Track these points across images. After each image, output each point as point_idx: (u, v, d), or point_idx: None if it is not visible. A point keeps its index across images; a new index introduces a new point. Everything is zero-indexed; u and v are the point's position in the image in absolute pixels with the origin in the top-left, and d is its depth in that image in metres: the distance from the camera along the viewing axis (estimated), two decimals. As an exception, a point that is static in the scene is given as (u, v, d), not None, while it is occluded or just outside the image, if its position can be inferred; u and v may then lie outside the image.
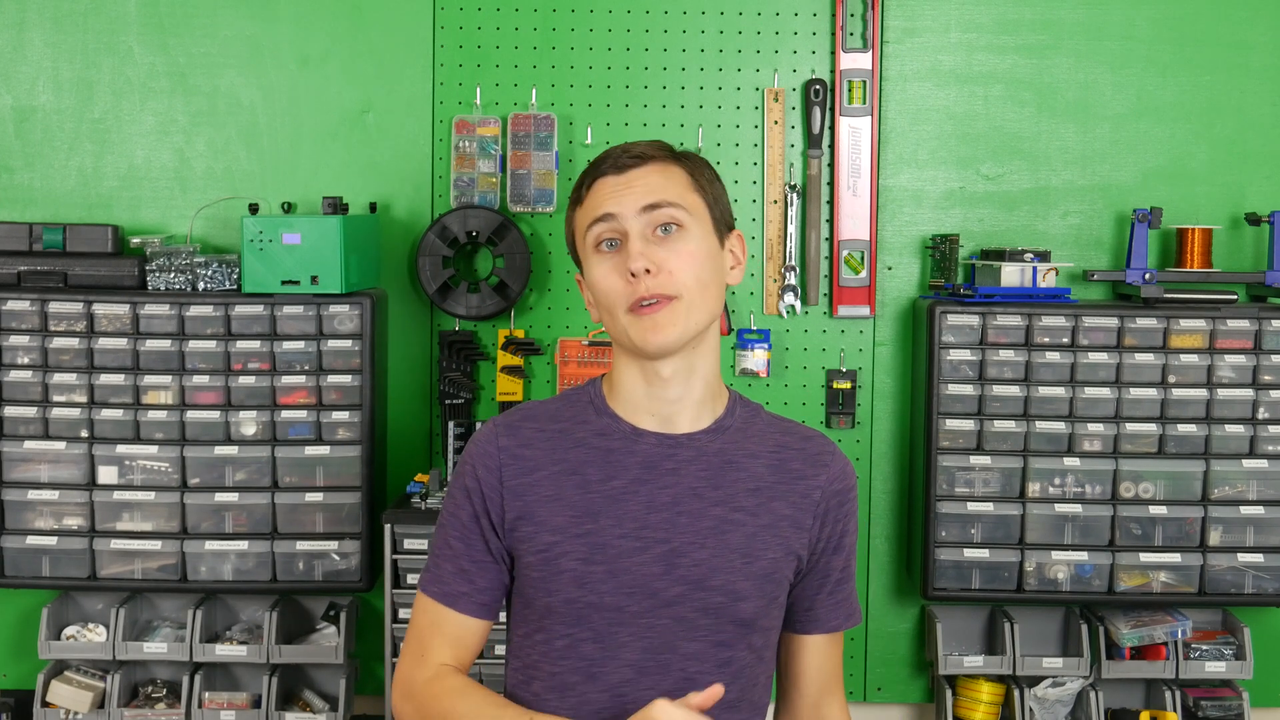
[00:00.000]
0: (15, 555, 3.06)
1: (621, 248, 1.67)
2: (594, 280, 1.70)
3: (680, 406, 1.74)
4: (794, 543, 1.74)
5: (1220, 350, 3.05)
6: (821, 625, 1.80)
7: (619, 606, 1.68)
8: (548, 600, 1.69)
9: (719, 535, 1.70)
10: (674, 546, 1.69)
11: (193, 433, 3.05)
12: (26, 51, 3.26)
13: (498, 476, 1.73)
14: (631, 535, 1.69)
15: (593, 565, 1.68)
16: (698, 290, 1.68)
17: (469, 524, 1.74)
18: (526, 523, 1.70)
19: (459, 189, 3.22)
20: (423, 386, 3.31)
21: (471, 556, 1.74)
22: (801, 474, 1.77)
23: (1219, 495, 3.05)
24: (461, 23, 3.26)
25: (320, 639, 3.19)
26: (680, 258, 1.67)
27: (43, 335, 3.06)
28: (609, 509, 1.69)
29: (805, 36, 3.24)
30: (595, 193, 1.70)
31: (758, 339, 3.25)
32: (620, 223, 1.67)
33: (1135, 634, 3.08)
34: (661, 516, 1.70)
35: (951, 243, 3.14)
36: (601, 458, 1.72)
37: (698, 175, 1.73)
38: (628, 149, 1.70)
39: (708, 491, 1.72)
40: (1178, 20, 3.24)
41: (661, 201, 1.67)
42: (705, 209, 1.72)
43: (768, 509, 1.73)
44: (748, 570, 1.71)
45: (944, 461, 3.06)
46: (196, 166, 3.28)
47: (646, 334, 1.66)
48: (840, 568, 1.80)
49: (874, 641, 3.33)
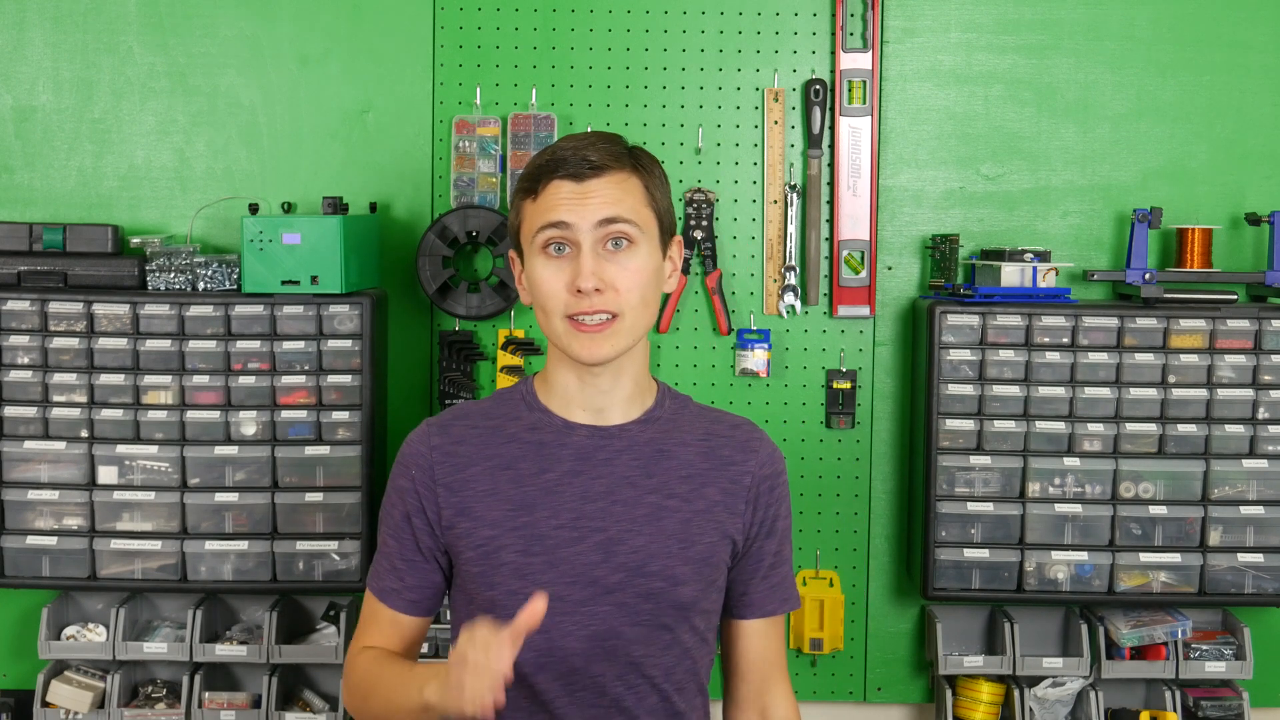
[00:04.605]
0: (15, 555, 3.06)
1: (570, 255, 1.71)
2: (536, 279, 1.74)
3: (611, 400, 1.79)
4: (728, 527, 1.79)
5: (1220, 350, 3.05)
6: (757, 610, 1.85)
7: (561, 596, 1.72)
8: (490, 594, 1.73)
9: (655, 522, 1.74)
10: (611, 535, 1.73)
11: (193, 433, 3.05)
12: (26, 51, 3.27)
13: (430, 475, 1.77)
14: (568, 525, 1.73)
15: (531, 557, 1.71)
16: (640, 307, 1.74)
17: (401, 524, 1.79)
18: (464, 519, 1.74)
19: (459, 189, 3.22)
20: (423, 386, 3.31)
21: (403, 555, 1.79)
22: (731, 460, 1.81)
23: (1219, 495, 3.05)
24: (461, 23, 3.26)
25: (320, 639, 3.19)
26: (628, 274, 1.72)
27: (43, 335, 3.06)
28: (544, 500, 1.74)
29: (805, 36, 3.25)
30: (550, 194, 1.72)
31: (757, 339, 3.25)
32: (574, 233, 1.70)
33: (1135, 634, 3.08)
34: (597, 506, 1.74)
35: (951, 243, 3.14)
36: (534, 451, 1.76)
37: (651, 187, 1.77)
38: (586, 155, 1.72)
39: (641, 480, 1.76)
40: (1178, 20, 3.24)
41: (617, 217, 1.71)
42: (655, 222, 1.77)
43: (700, 494, 1.78)
44: (685, 555, 1.75)
45: (944, 461, 3.06)
46: (196, 166, 3.28)
47: (583, 349, 1.72)
48: (773, 552, 1.84)
49: (874, 641, 3.33)
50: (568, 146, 1.74)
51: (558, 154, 1.73)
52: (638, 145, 1.81)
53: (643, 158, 1.79)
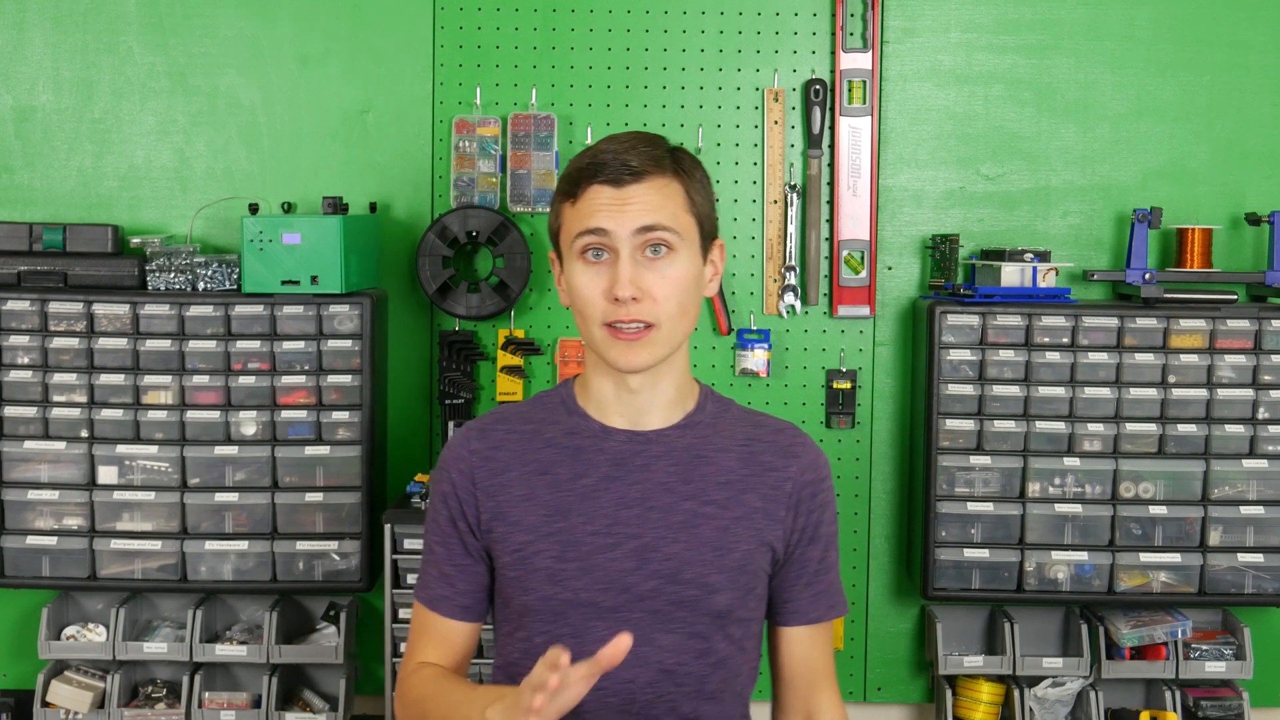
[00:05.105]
0: (15, 555, 3.06)
1: (609, 262, 1.68)
2: (574, 284, 1.71)
3: (649, 405, 1.77)
4: (767, 534, 1.76)
5: (1220, 350, 3.05)
6: (802, 616, 1.81)
7: (593, 602, 1.70)
8: (524, 599, 1.72)
9: (690, 529, 1.72)
10: (645, 542, 1.71)
11: (193, 433, 3.05)
12: (26, 51, 3.26)
13: (470, 479, 1.76)
14: (603, 532, 1.71)
15: (566, 562, 1.70)
16: (678, 316, 1.71)
17: (447, 528, 1.78)
18: (501, 523, 1.73)
19: (459, 189, 3.22)
20: (423, 386, 3.31)
21: (451, 560, 1.77)
22: (772, 465, 1.79)
23: (1219, 495, 3.05)
24: (461, 23, 3.26)
25: (320, 639, 3.19)
26: (666, 282, 1.69)
27: (43, 335, 3.06)
28: (579, 506, 1.72)
29: (805, 36, 3.25)
30: (589, 199, 1.69)
31: (758, 339, 3.25)
32: (612, 240, 1.68)
33: (1135, 634, 3.08)
34: (632, 512, 1.72)
35: (951, 243, 3.14)
36: (571, 456, 1.75)
37: (692, 191, 1.73)
38: (626, 160, 1.68)
39: (678, 486, 1.74)
40: (1178, 20, 3.24)
41: (656, 224, 1.68)
42: (695, 228, 1.73)
43: (739, 501, 1.75)
44: (720, 563, 1.73)
45: (944, 461, 3.06)
46: (196, 166, 3.28)
47: (620, 357, 1.69)
48: (818, 559, 1.81)
49: (874, 641, 3.33)
50: (608, 150, 1.71)
51: (598, 157, 1.70)
52: (680, 146, 1.77)
53: (684, 160, 1.74)
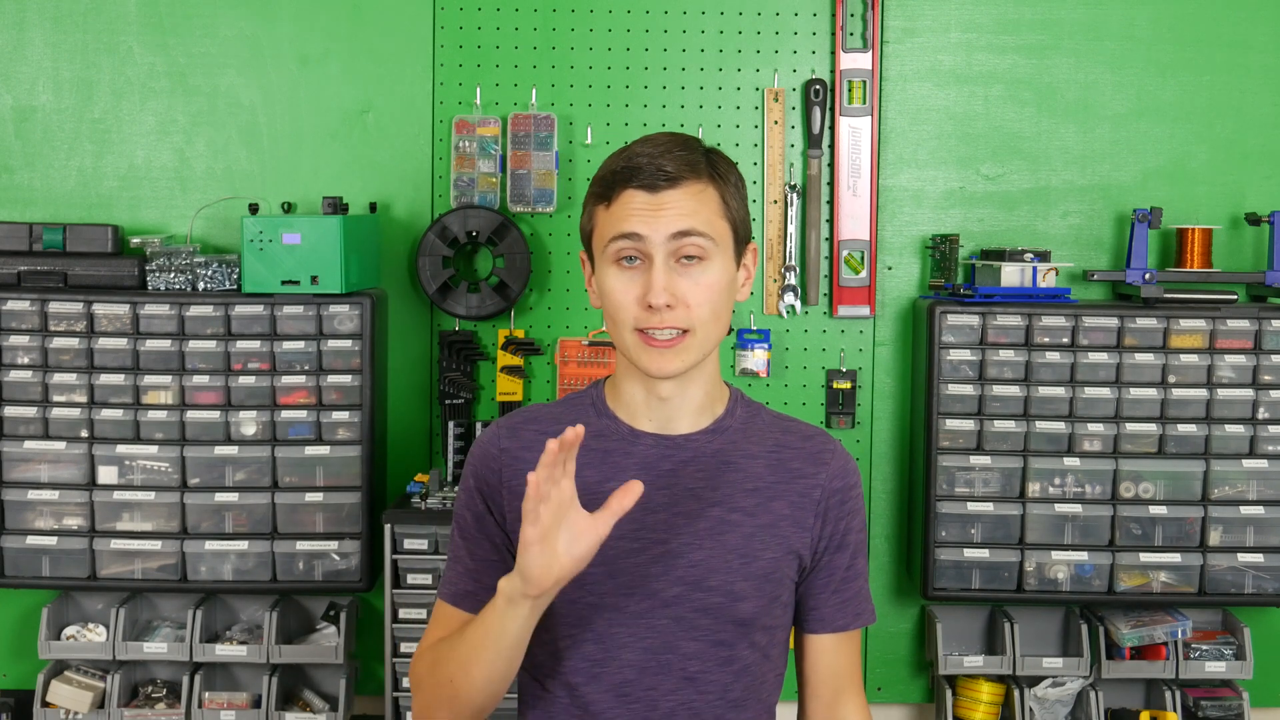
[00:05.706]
0: (15, 555, 3.06)
1: (642, 267, 1.67)
2: (607, 289, 1.69)
3: (678, 410, 1.75)
4: (795, 541, 1.74)
5: (1220, 350, 3.05)
6: (828, 624, 1.80)
7: (618, 606, 1.69)
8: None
9: (716, 536, 1.71)
10: (671, 547, 1.70)
11: (193, 433, 3.05)
12: (26, 51, 3.26)
13: (499, 478, 1.75)
14: (629, 536, 1.70)
15: (591, 566, 1.68)
16: (711, 322, 1.69)
17: (474, 525, 1.76)
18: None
19: (459, 189, 3.22)
20: (423, 386, 3.31)
21: (477, 556, 1.76)
22: (801, 472, 1.77)
23: (1219, 495, 3.05)
24: (461, 23, 3.26)
25: (320, 639, 3.19)
26: (700, 290, 1.67)
27: (43, 335, 3.06)
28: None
29: (805, 36, 3.25)
30: (623, 203, 1.68)
31: (758, 339, 3.25)
32: (646, 245, 1.66)
33: (1135, 634, 3.08)
34: (659, 517, 1.71)
35: (951, 243, 3.14)
36: (599, 459, 1.73)
37: (727, 196, 1.71)
38: (661, 165, 1.66)
39: (705, 492, 1.73)
40: (1178, 20, 3.24)
41: (691, 230, 1.66)
42: (730, 233, 1.71)
43: (767, 509, 1.74)
44: (746, 570, 1.71)
45: (944, 461, 3.06)
46: (196, 166, 3.28)
47: (652, 363, 1.68)
48: (844, 566, 1.79)
49: (874, 641, 3.33)
50: (643, 153, 1.68)
51: (633, 160, 1.68)
52: (715, 148, 1.75)
53: (720, 164, 1.73)
